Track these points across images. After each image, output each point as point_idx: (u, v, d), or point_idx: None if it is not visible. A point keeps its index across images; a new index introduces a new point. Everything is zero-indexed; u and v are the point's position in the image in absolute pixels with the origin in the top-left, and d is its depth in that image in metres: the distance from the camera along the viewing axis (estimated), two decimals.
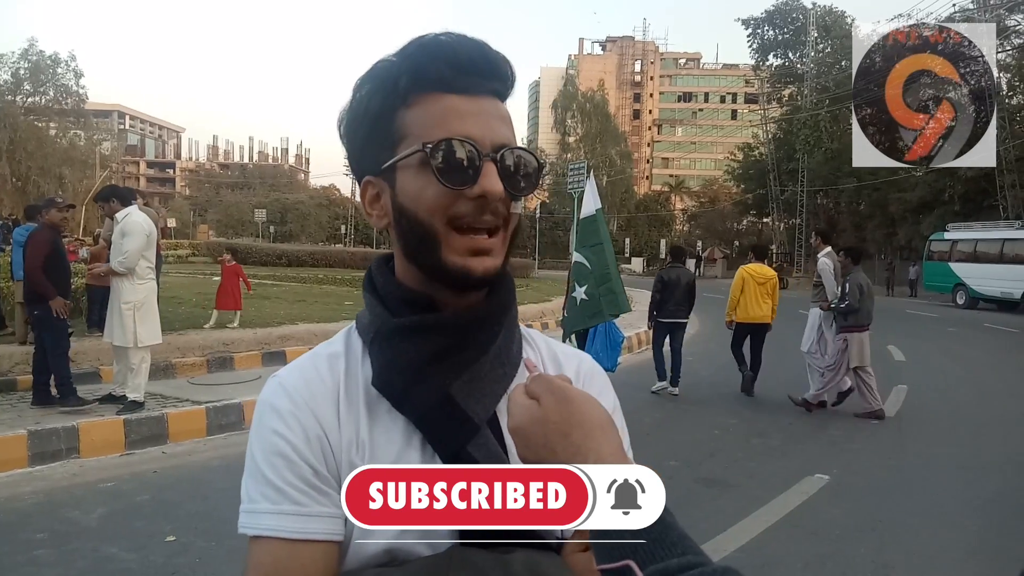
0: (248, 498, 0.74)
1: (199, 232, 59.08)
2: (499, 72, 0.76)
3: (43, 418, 5.46)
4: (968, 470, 5.53)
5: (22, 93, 38.87)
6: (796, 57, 46.53)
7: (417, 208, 0.74)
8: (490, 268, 0.75)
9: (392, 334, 0.77)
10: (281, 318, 10.62)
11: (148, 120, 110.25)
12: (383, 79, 0.76)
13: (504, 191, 0.73)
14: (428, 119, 0.73)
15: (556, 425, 0.63)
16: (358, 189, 0.83)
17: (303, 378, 0.77)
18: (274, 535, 0.71)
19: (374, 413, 0.77)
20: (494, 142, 0.73)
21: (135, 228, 5.88)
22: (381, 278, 0.82)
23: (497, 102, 0.77)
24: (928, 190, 33.00)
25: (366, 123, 0.77)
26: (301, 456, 0.73)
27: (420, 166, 0.73)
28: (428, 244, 0.74)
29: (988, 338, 15.84)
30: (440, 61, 0.73)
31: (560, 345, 0.92)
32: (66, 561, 3.42)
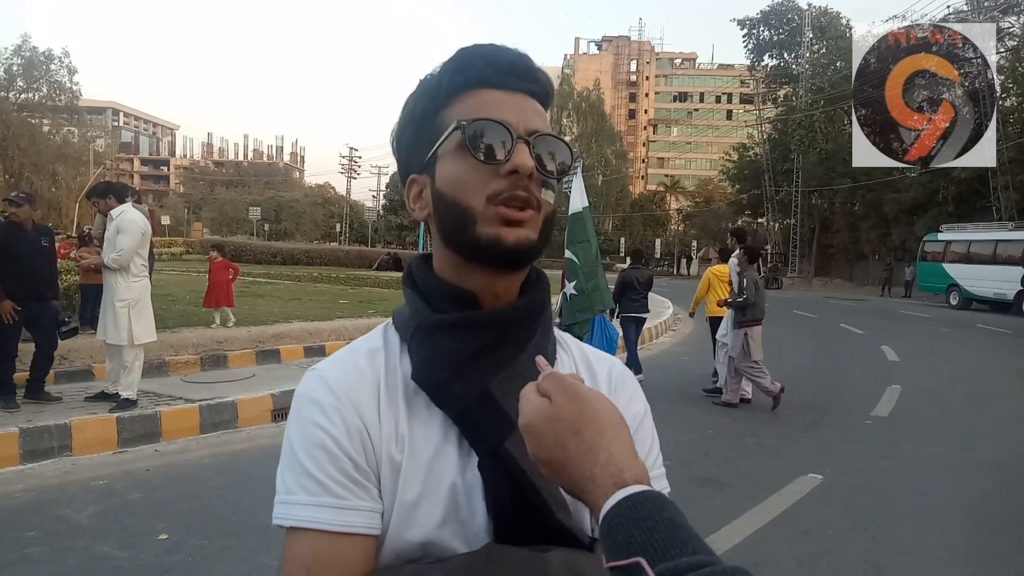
0: (285, 489, 0.74)
1: (193, 230, 58.90)
2: (537, 77, 0.79)
3: (35, 416, 5.44)
4: (960, 470, 5.55)
5: (15, 89, 38.71)
6: (791, 58, 46.63)
7: (455, 190, 0.76)
8: (523, 239, 0.75)
9: (433, 329, 0.78)
10: (275, 316, 10.59)
11: (142, 117, 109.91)
12: (427, 85, 0.79)
13: (536, 170, 0.74)
14: (467, 110, 0.76)
15: (567, 423, 0.63)
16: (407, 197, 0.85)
17: (343, 372, 0.78)
18: (314, 527, 0.71)
19: (413, 407, 0.77)
20: (528, 127, 0.75)
21: (131, 225, 5.85)
22: (422, 274, 0.83)
23: (534, 100, 0.79)
24: (922, 191, 33.12)
25: (411, 127, 0.80)
26: (342, 449, 0.73)
27: (458, 150, 0.75)
28: (464, 221, 0.75)
29: (981, 339, 15.92)
30: (480, 60, 0.77)
31: (591, 348, 0.93)
32: (58, 559, 3.41)
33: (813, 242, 44.48)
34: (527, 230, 0.75)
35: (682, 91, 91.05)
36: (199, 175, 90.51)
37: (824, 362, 11.33)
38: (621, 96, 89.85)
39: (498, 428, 0.75)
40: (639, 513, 0.56)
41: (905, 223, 34.96)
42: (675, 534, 0.55)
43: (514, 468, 0.73)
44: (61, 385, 6.49)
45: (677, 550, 0.53)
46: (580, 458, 0.61)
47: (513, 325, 0.78)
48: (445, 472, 0.75)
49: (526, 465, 0.73)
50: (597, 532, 0.78)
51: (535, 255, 0.77)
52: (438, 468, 0.75)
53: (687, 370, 10.01)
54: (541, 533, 0.74)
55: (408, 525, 0.73)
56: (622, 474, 0.60)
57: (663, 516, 0.56)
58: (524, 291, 0.81)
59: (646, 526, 0.55)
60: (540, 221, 0.77)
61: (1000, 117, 29.63)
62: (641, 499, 0.57)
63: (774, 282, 38.41)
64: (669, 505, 0.58)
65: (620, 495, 0.58)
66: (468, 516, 0.74)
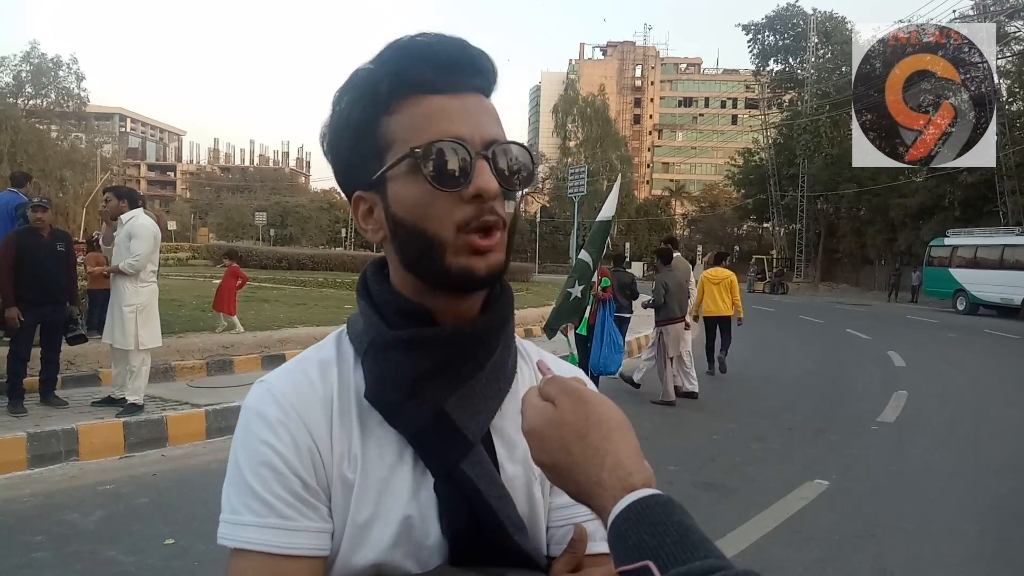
0: (230, 508, 0.71)
1: (199, 235, 59.15)
2: (481, 68, 0.73)
3: (42, 420, 5.46)
4: (967, 476, 5.52)
5: (24, 96, 38.92)
6: (796, 63, 46.61)
7: (415, 217, 0.71)
8: (493, 265, 0.71)
9: (387, 346, 0.74)
10: (281, 321, 10.62)
11: (149, 123, 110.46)
12: (362, 88, 0.72)
13: (500, 188, 0.70)
14: (413, 123, 0.70)
15: (572, 427, 0.62)
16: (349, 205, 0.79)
17: (293, 385, 0.74)
18: (258, 549, 0.68)
19: (366, 426, 0.74)
20: (484, 138, 0.70)
21: (143, 231, 5.90)
22: (377, 285, 0.78)
23: (482, 98, 0.73)
24: (928, 196, 33.02)
25: (348, 135, 0.74)
26: (290, 468, 0.70)
27: (411, 172, 0.70)
28: (432, 253, 0.71)
29: (988, 344, 15.84)
30: (419, 62, 0.70)
31: (553, 359, 0.89)
32: (65, 564, 3.42)
33: (819, 247, 44.36)
34: (497, 254, 0.72)
35: (687, 96, 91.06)
36: (205, 181, 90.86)
37: (830, 367, 11.29)
38: (626, 101, 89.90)
39: (454, 449, 0.72)
40: (649, 517, 0.56)
41: (911, 228, 34.84)
42: (686, 538, 0.54)
43: (469, 490, 0.71)
44: (68, 390, 6.51)
45: (688, 554, 0.53)
46: (586, 462, 0.60)
47: (471, 343, 0.75)
48: (399, 493, 0.72)
49: (482, 486, 0.72)
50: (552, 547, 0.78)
51: (504, 274, 0.74)
52: (392, 489, 0.72)
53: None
54: (497, 555, 0.72)
55: (360, 546, 0.71)
56: (630, 478, 0.59)
57: (673, 520, 0.55)
58: (486, 307, 0.77)
59: (656, 530, 0.54)
60: (506, 238, 0.73)
61: (1007, 122, 29.60)
62: (651, 503, 0.57)
63: (780, 287, 38.32)
64: (679, 509, 0.57)
65: (629, 499, 0.57)
66: (422, 537, 0.72)
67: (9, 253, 5.78)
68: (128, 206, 6.07)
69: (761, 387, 9.34)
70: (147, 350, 5.96)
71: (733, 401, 8.24)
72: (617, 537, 0.56)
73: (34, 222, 5.95)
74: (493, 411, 0.76)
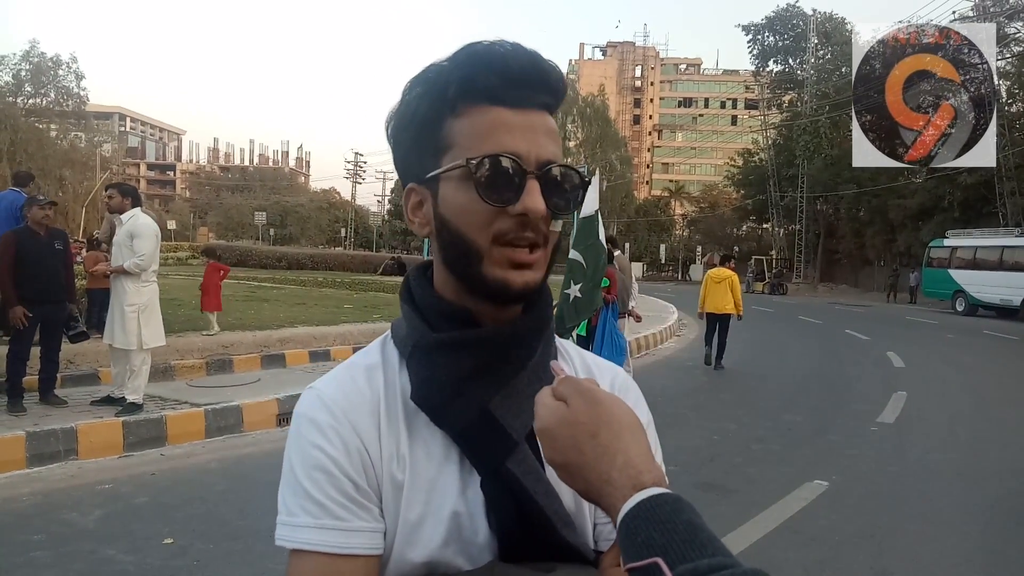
0: (287, 511, 0.73)
1: (199, 234, 59.19)
2: (550, 85, 0.75)
3: (41, 419, 5.45)
4: (967, 477, 5.52)
5: (23, 95, 38.94)
6: (796, 63, 46.63)
7: (459, 221, 0.73)
8: (530, 282, 0.74)
9: (431, 348, 0.76)
10: (281, 321, 10.62)
11: (149, 122, 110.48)
12: (433, 84, 0.74)
13: (546, 209, 0.72)
14: (475, 131, 0.72)
15: (584, 426, 0.63)
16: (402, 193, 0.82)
17: (341, 390, 0.77)
18: (316, 549, 0.71)
19: (413, 427, 0.76)
20: (539, 158, 0.72)
21: (145, 230, 5.90)
22: (420, 289, 0.81)
23: (546, 116, 0.75)
24: (928, 197, 33.03)
25: (413, 128, 0.76)
26: (342, 470, 0.72)
27: (463, 179, 0.72)
28: (469, 257, 0.73)
29: (987, 345, 15.85)
30: (491, 71, 0.72)
31: (593, 357, 0.91)
32: (64, 563, 3.42)
33: (818, 248, 44.38)
34: (535, 272, 0.74)
35: (687, 96, 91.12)
36: (205, 180, 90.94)
37: (829, 368, 11.29)
38: (626, 101, 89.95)
39: (499, 447, 0.74)
40: (658, 515, 0.56)
41: (911, 229, 34.85)
42: (694, 536, 0.54)
43: (516, 487, 0.73)
44: (67, 389, 6.51)
45: (697, 552, 0.53)
46: (597, 461, 0.61)
47: (513, 344, 0.77)
48: (447, 492, 0.74)
49: (528, 483, 0.73)
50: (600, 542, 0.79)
51: (540, 290, 0.77)
52: (440, 488, 0.74)
53: (692, 376, 10.00)
54: (545, 551, 0.73)
55: (411, 545, 0.73)
56: (640, 476, 0.59)
57: (682, 518, 0.56)
58: (527, 308, 0.79)
59: (665, 528, 0.55)
60: (548, 255, 0.76)
61: (1007, 123, 29.61)
62: (660, 501, 0.57)
63: (779, 288, 38.34)
64: (688, 507, 0.57)
65: (638, 497, 0.58)
66: (471, 535, 0.74)
67: (8, 252, 5.76)
68: (131, 203, 6.08)
69: (760, 388, 9.34)
70: (148, 349, 5.96)
71: (733, 402, 8.23)
72: (626, 535, 0.57)
73: (42, 219, 5.96)
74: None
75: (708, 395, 8.58)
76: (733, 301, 10.17)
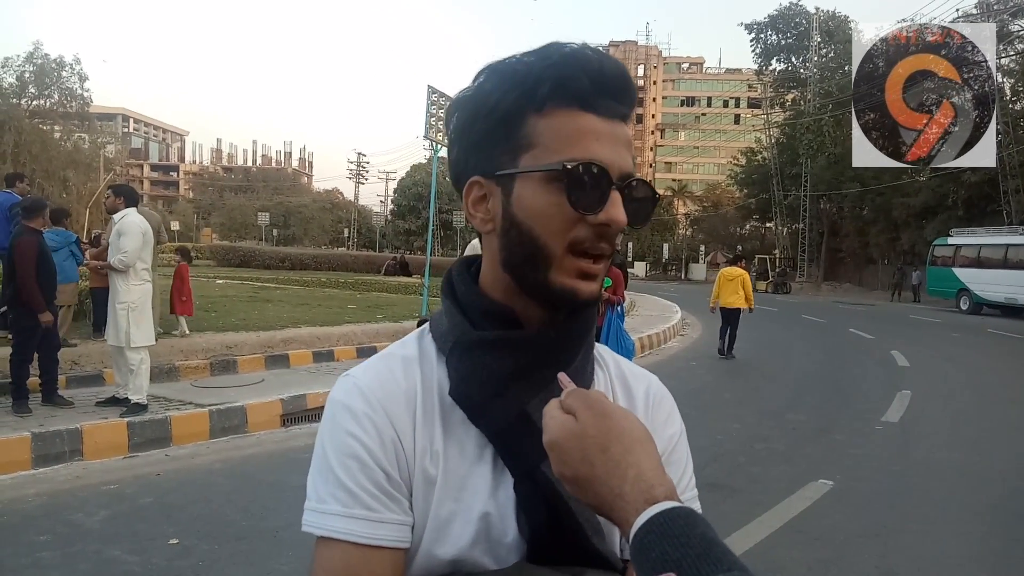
0: (317, 497, 0.72)
1: (202, 235, 59.21)
2: (632, 97, 0.75)
3: (47, 420, 5.47)
4: (972, 476, 5.51)
5: (27, 96, 39.01)
6: (799, 62, 46.54)
7: (534, 224, 0.71)
8: (593, 292, 0.74)
9: (472, 346, 0.75)
10: (284, 321, 10.62)
11: (152, 123, 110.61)
12: (519, 79, 0.72)
13: (626, 221, 0.72)
14: (562, 134, 0.70)
15: (594, 439, 0.62)
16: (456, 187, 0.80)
17: (378, 379, 0.76)
18: (344, 538, 0.70)
19: (449, 423, 0.76)
20: (622, 170, 0.72)
21: (131, 228, 5.93)
22: (463, 286, 0.80)
23: (625, 127, 0.75)
24: (932, 195, 32.95)
25: (489, 120, 0.73)
26: (375, 460, 0.72)
27: (547, 181, 0.70)
28: (537, 261, 0.72)
29: (992, 343, 15.81)
30: (585, 76, 0.70)
31: (628, 364, 0.91)
32: (69, 563, 3.43)
33: (822, 246, 44.31)
34: (597, 282, 0.74)
35: (690, 95, 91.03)
36: (208, 181, 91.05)
37: (833, 367, 11.27)
38: None
39: (535, 450, 0.72)
40: (672, 530, 0.55)
41: (915, 227, 34.78)
42: (709, 550, 0.54)
43: (550, 491, 0.72)
44: (72, 389, 6.53)
45: (711, 566, 0.53)
46: (608, 475, 0.60)
47: (556, 348, 0.76)
48: (479, 491, 0.74)
49: (561, 488, 0.71)
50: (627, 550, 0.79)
51: (597, 301, 0.77)
52: (472, 487, 0.74)
53: (696, 375, 9.99)
54: (574, 556, 0.73)
55: (440, 542, 0.73)
56: (652, 491, 0.59)
57: (696, 532, 0.55)
58: (571, 313, 0.78)
59: (679, 543, 0.54)
60: (608, 267, 0.75)
61: (1011, 121, 29.53)
62: (673, 515, 0.57)
63: (782, 287, 38.28)
64: (701, 521, 0.57)
65: (651, 511, 0.57)
66: (500, 536, 0.73)
67: (35, 258, 5.81)
68: (124, 203, 6.11)
69: (764, 387, 9.33)
70: (140, 348, 5.94)
71: (736, 401, 8.22)
72: (639, 549, 0.56)
73: (40, 225, 6.04)
74: None
75: (712, 394, 8.57)
76: (744, 296, 11.33)
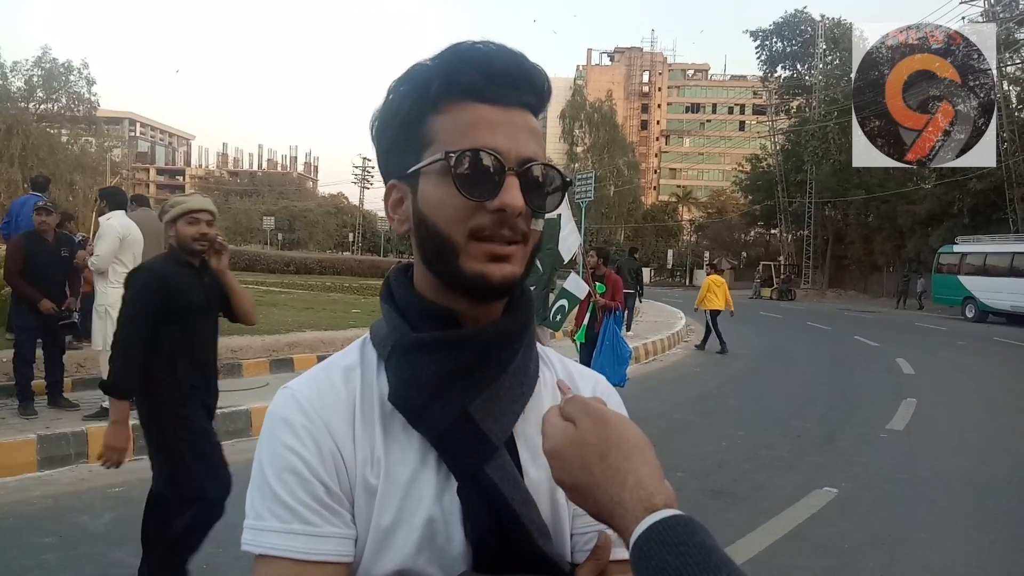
0: (255, 514, 0.71)
1: None
2: (534, 85, 0.74)
3: (52, 423, 5.48)
4: (977, 485, 5.48)
5: (35, 100, 39.23)
6: (804, 69, 46.52)
7: (436, 216, 0.72)
8: (508, 275, 0.72)
9: (411, 349, 0.74)
10: (289, 325, 10.64)
11: (159, 127, 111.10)
12: (416, 82, 0.74)
13: (525, 206, 0.71)
14: (456, 127, 0.71)
15: (593, 447, 0.62)
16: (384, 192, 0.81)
17: (317, 390, 0.74)
18: (282, 555, 0.69)
19: (389, 430, 0.74)
20: (520, 156, 0.71)
21: (108, 231, 5.93)
22: (400, 289, 0.79)
23: (528, 115, 0.74)
24: (937, 203, 32.85)
25: (395, 125, 0.75)
26: (314, 473, 0.70)
27: (442, 174, 0.71)
28: (446, 252, 0.72)
29: (998, 352, 15.75)
30: (474, 69, 0.71)
31: (575, 365, 0.90)
32: (74, 565, 3.44)
33: (827, 253, 44.22)
34: (513, 265, 0.72)
35: (695, 102, 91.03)
36: (214, 185, 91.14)
37: (839, 374, 11.24)
38: (633, 107, 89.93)
39: (478, 452, 0.72)
40: (671, 538, 0.56)
41: (920, 235, 34.69)
42: (708, 558, 0.54)
43: (494, 493, 0.71)
44: (78, 392, 6.54)
45: (711, 574, 0.53)
46: (608, 483, 0.60)
47: (495, 345, 0.75)
48: (423, 497, 0.72)
49: (506, 490, 0.72)
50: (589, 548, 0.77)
51: (519, 286, 0.75)
52: (415, 493, 0.72)
53: (700, 382, 9.97)
54: (521, 560, 0.72)
55: (383, 552, 0.71)
56: (652, 498, 0.59)
57: (695, 540, 0.55)
58: (507, 309, 0.78)
59: (679, 551, 0.54)
60: (527, 252, 0.74)
61: (1016, 128, 29.44)
62: (672, 523, 0.57)
63: (787, 294, 38.20)
64: (700, 529, 0.57)
65: (651, 519, 0.57)
66: (445, 542, 0.72)
67: (18, 257, 5.88)
68: (108, 206, 6.14)
69: (769, 394, 9.31)
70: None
71: (741, 408, 8.20)
72: (639, 557, 0.56)
73: (39, 225, 6.04)
74: (516, 414, 0.76)
75: (716, 401, 8.55)
76: (724, 300, 13.21)
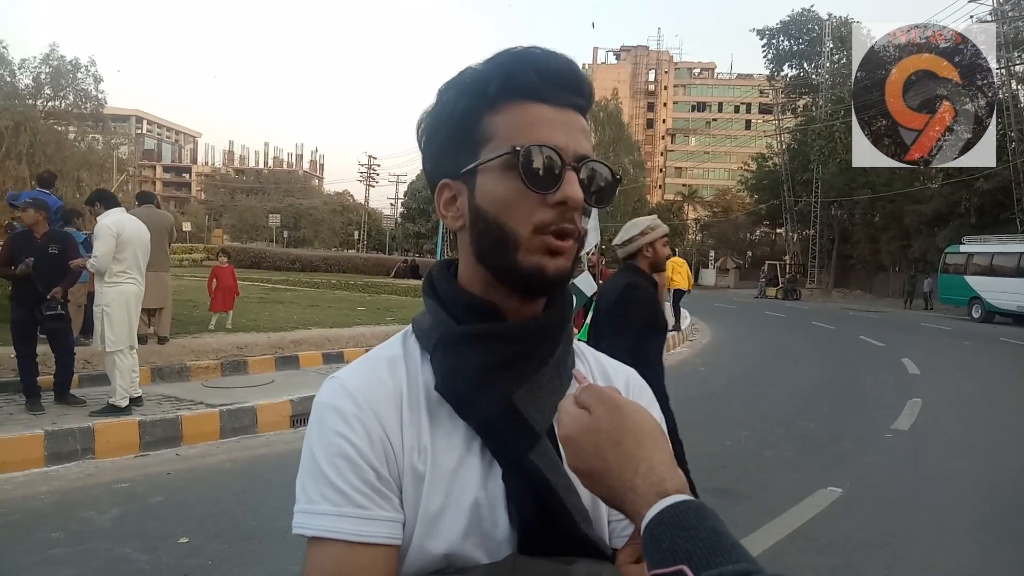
0: (307, 498, 0.73)
1: (214, 236, 59.45)
2: (583, 88, 0.78)
3: (59, 418, 5.52)
4: (982, 485, 5.47)
5: (43, 97, 39.32)
6: (811, 68, 46.34)
7: (497, 210, 0.75)
8: (562, 268, 0.75)
9: (458, 340, 0.77)
10: (294, 323, 10.68)
11: (165, 125, 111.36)
12: (471, 84, 0.76)
13: (583, 199, 0.74)
14: (516, 124, 0.74)
15: (607, 434, 0.64)
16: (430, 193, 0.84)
17: (365, 380, 0.77)
18: (336, 537, 0.71)
19: (435, 418, 0.77)
20: (576, 152, 0.75)
21: (102, 231, 5.93)
22: (444, 284, 0.82)
23: (580, 116, 0.78)
24: (944, 202, 32.72)
25: (449, 125, 0.78)
26: (364, 459, 0.73)
27: (503, 169, 0.74)
28: (504, 245, 0.74)
29: (1004, 352, 15.69)
30: (532, 70, 0.74)
31: (608, 359, 0.93)
32: (81, 561, 3.46)
33: (832, 253, 44.09)
34: (565, 259, 0.76)
35: (701, 101, 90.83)
36: (220, 182, 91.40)
37: (844, 374, 11.21)
38: (639, 105, 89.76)
39: (522, 440, 0.75)
40: (682, 522, 0.57)
41: (926, 235, 34.56)
42: (718, 542, 0.55)
43: (538, 479, 0.74)
44: (85, 389, 6.58)
45: (721, 558, 0.54)
46: (621, 469, 0.62)
47: (537, 338, 0.78)
48: (468, 484, 0.75)
49: (550, 476, 0.74)
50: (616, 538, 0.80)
51: (568, 281, 0.79)
52: (461, 480, 0.75)
53: (705, 381, 9.97)
54: (564, 544, 0.74)
55: (431, 536, 0.74)
56: (663, 484, 0.60)
57: (706, 525, 0.57)
58: (548, 305, 0.81)
59: (689, 535, 0.56)
60: (576, 249, 0.77)
61: (1022, 129, 29.29)
62: (683, 508, 0.58)
63: (792, 293, 38.11)
64: (711, 514, 0.58)
65: (662, 504, 0.59)
66: (491, 527, 0.75)
67: (4, 253, 6.00)
68: (102, 207, 6.16)
69: (774, 394, 9.29)
70: (115, 352, 5.88)
71: (746, 408, 8.20)
72: (650, 540, 0.58)
73: (16, 219, 6.10)
74: (556, 405, 0.78)
75: (721, 401, 8.55)
76: (687, 280, 15.06)
